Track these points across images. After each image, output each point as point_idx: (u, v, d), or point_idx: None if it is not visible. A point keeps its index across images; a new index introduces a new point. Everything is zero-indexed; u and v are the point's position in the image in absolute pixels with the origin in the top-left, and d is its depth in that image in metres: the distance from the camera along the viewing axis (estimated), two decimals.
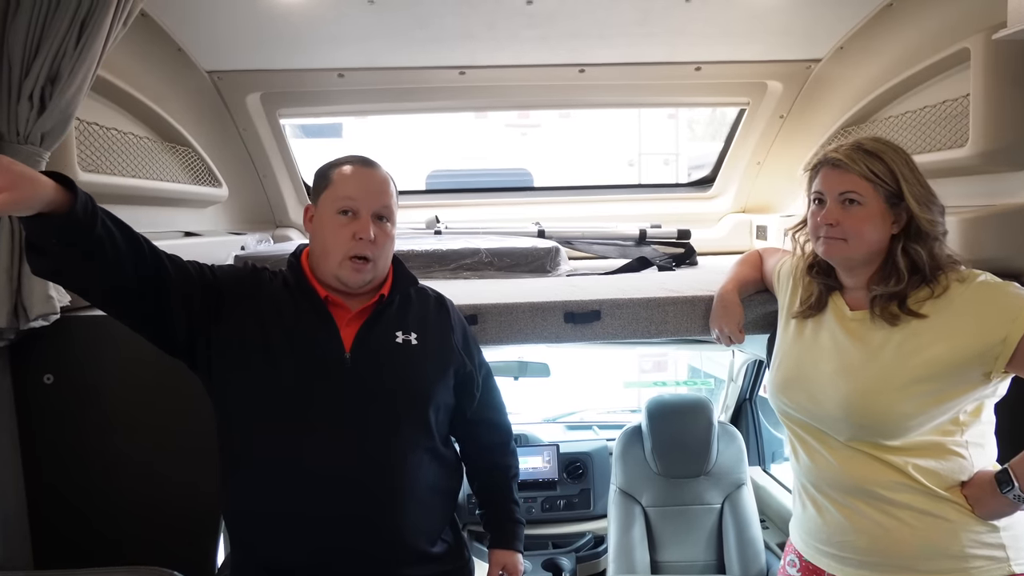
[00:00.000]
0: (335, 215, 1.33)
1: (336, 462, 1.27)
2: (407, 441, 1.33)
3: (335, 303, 1.36)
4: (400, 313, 1.41)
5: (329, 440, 1.28)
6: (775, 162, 3.07)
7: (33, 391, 1.64)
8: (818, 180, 1.35)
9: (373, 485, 1.29)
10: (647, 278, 2.29)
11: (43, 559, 1.68)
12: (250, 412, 1.31)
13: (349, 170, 1.37)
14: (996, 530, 1.24)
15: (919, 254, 1.27)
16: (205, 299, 1.30)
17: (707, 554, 2.47)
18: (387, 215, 1.37)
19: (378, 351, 1.35)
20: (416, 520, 1.34)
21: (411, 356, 1.37)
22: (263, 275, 1.41)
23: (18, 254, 1.50)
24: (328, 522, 1.27)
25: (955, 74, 2.00)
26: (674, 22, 2.34)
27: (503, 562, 1.55)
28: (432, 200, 3.34)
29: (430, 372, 1.39)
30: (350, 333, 1.34)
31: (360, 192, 1.34)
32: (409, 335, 1.38)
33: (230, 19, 2.23)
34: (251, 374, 1.30)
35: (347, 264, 1.32)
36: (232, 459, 1.35)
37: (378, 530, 1.30)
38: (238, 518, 1.37)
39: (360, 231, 1.32)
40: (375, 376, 1.32)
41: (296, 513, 1.28)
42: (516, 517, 1.58)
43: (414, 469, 1.33)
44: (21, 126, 1.47)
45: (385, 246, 1.37)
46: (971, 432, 1.27)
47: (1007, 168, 1.84)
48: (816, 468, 1.36)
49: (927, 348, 1.24)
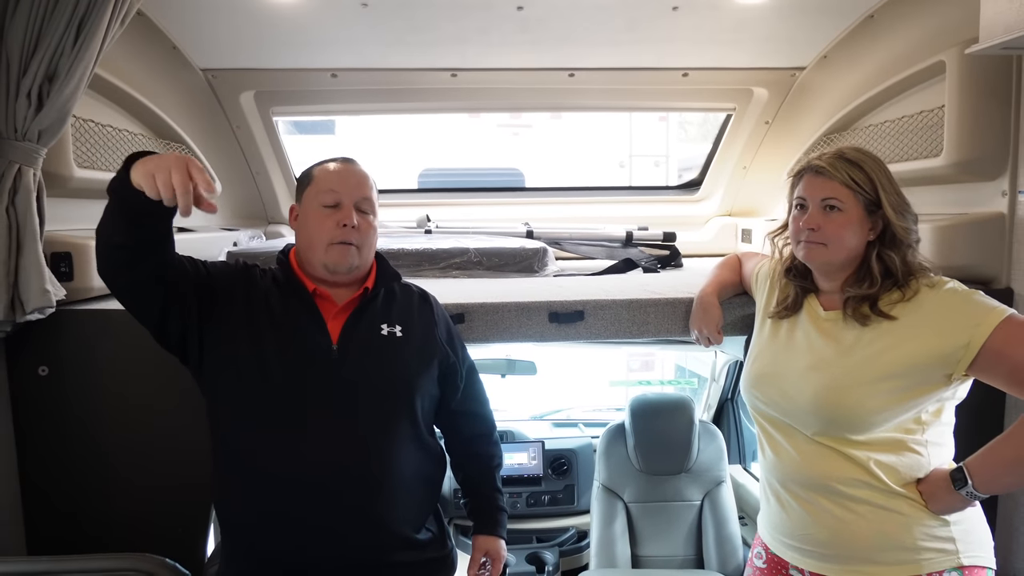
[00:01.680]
0: (319, 208, 1.39)
1: (324, 452, 1.32)
2: (393, 431, 1.38)
3: (322, 296, 1.41)
4: (385, 307, 1.46)
5: (317, 430, 1.32)
6: (761, 167, 3.13)
7: (28, 383, 1.67)
8: (801, 186, 1.40)
9: (360, 474, 1.33)
10: (631, 280, 2.34)
11: (36, 547, 1.71)
12: (239, 404, 1.35)
13: (331, 167, 1.45)
14: (947, 524, 1.30)
15: (893, 260, 1.33)
16: (198, 296, 1.35)
17: (686, 549, 2.53)
18: (368, 208, 1.43)
19: (364, 343, 1.39)
20: (402, 508, 1.38)
21: (396, 348, 1.42)
22: (254, 272, 1.45)
23: (15, 248, 1.53)
24: (316, 510, 1.32)
25: (932, 86, 2.06)
26: (662, 29, 2.39)
27: (486, 547, 1.60)
28: (423, 199, 3.38)
29: (415, 363, 1.43)
30: (336, 326, 1.39)
31: (341, 185, 1.41)
32: (394, 327, 1.43)
33: (225, 18, 2.26)
34: (240, 369, 1.34)
35: (333, 249, 1.38)
36: (223, 450, 1.39)
37: (365, 518, 1.34)
38: (228, 508, 1.40)
39: (343, 218, 1.38)
40: (361, 367, 1.37)
41: (284, 502, 1.32)
42: (499, 505, 1.63)
43: (400, 458, 1.38)
44: (19, 123, 1.50)
45: (368, 235, 1.42)
46: (931, 431, 1.33)
47: (979, 178, 1.91)
48: (781, 464, 1.42)
49: (895, 348, 1.29)
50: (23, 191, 1.52)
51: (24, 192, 1.52)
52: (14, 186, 1.51)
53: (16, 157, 1.50)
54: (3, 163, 1.49)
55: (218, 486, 1.41)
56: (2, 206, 1.50)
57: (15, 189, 1.52)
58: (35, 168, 1.54)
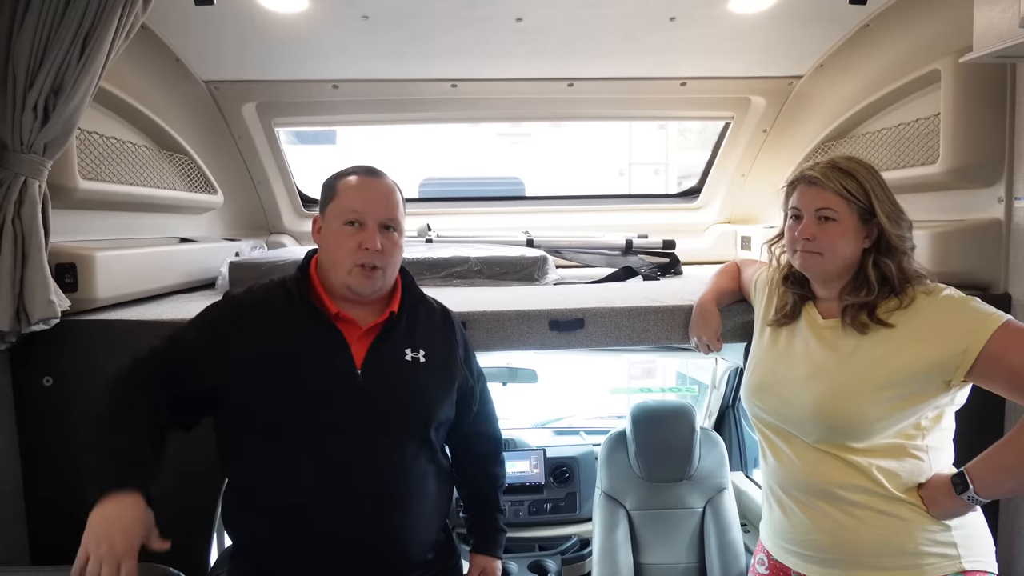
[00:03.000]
0: (342, 226, 1.34)
1: (342, 476, 1.30)
2: (413, 455, 1.37)
3: (345, 319, 1.37)
4: (408, 329, 1.42)
5: (337, 453, 1.31)
6: (759, 174, 3.15)
7: (32, 393, 1.68)
8: (795, 196, 1.41)
9: (377, 493, 1.32)
10: (631, 287, 2.35)
11: (40, 556, 1.71)
12: (257, 433, 1.33)
13: (354, 181, 1.38)
14: (948, 529, 1.30)
15: (888, 267, 1.34)
16: (196, 387, 1.34)
17: (688, 557, 2.52)
18: (393, 225, 1.38)
19: (389, 368, 1.36)
20: (416, 532, 1.37)
21: (420, 374, 1.39)
22: (243, 306, 1.38)
23: (20, 259, 1.54)
24: (330, 531, 1.30)
25: (927, 94, 2.08)
26: (659, 40, 2.41)
27: (483, 566, 1.60)
28: (424, 208, 3.40)
29: (437, 390, 1.41)
30: (361, 349, 1.35)
31: (365, 203, 1.35)
32: (418, 352, 1.40)
33: (228, 31, 2.29)
34: (260, 398, 1.31)
35: (356, 272, 1.33)
36: (237, 469, 1.37)
37: (379, 538, 1.32)
38: (242, 526, 1.38)
39: (366, 241, 1.32)
40: (386, 393, 1.34)
41: (300, 521, 1.30)
42: (499, 525, 1.63)
43: (417, 482, 1.36)
44: (25, 136, 1.51)
45: (393, 255, 1.38)
46: (931, 437, 1.33)
47: (975, 185, 1.92)
48: (783, 470, 1.42)
49: (893, 355, 1.30)
50: (28, 203, 1.54)
51: (29, 204, 1.54)
52: (20, 198, 1.53)
53: (22, 169, 1.52)
54: (9, 175, 1.51)
55: (232, 503, 1.39)
56: (8, 217, 1.52)
57: (21, 201, 1.53)
58: (40, 180, 1.56)
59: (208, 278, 2.37)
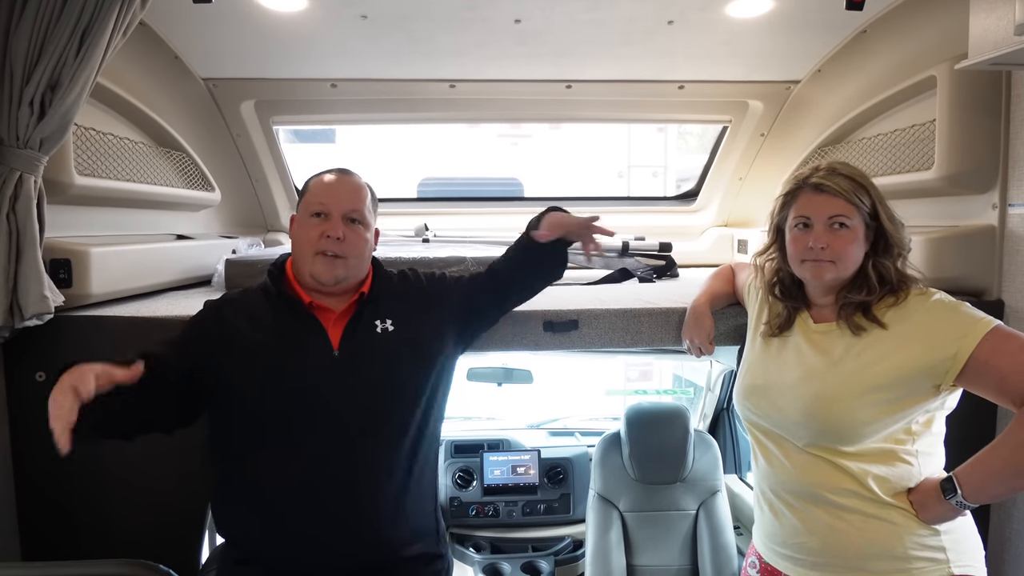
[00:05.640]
0: (308, 218, 1.42)
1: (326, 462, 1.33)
2: (397, 437, 1.39)
3: (320, 307, 1.43)
4: (380, 306, 1.48)
5: (322, 436, 1.34)
6: (756, 178, 3.16)
7: (25, 388, 1.68)
8: (800, 204, 1.38)
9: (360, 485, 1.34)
10: (626, 289, 2.35)
11: (31, 552, 1.71)
12: (244, 424, 1.37)
13: (325, 178, 1.47)
14: (937, 534, 1.30)
15: (887, 268, 1.35)
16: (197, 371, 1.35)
17: (681, 559, 2.53)
18: (359, 218, 1.44)
19: (364, 344, 1.41)
20: (401, 509, 1.39)
21: (393, 346, 1.43)
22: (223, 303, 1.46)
23: (14, 254, 1.54)
24: (317, 515, 1.33)
25: (923, 100, 2.09)
26: (657, 43, 2.42)
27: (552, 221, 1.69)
28: (423, 208, 3.40)
29: (410, 360, 1.44)
30: (336, 333, 1.41)
31: (330, 196, 1.43)
32: (386, 323, 1.45)
33: (226, 29, 2.29)
34: (246, 391, 1.35)
35: (318, 260, 1.39)
36: (226, 461, 1.40)
37: (368, 519, 1.35)
38: (230, 517, 1.41)
39: (329, 230, 1.39)
40: (364, 367, 1.38)
41: (289, 512, 1.33)
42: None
43: (402, 466, 1.39)
44: (21, 131, 1.51)
45: (357, 247, 1.43)
46: (922, 442, 1.34)
47: (970, 191, 1.93)
48: (774, 473, 1.43)
49: (883, 359, 1.31)
50: (23, 198, 1.53)
51: (24, 199, 1.54)
52: (15, 193, 1.53)
53: (17, 164, 1.52)
54: (4, 170, 1.51)
55: (220, 495, 1.42)
56: (2, 212, 1.51)
57: (16, 196, 1.53)
58: (36, 175, 1.55)
59: (204, 275, 2.37)
